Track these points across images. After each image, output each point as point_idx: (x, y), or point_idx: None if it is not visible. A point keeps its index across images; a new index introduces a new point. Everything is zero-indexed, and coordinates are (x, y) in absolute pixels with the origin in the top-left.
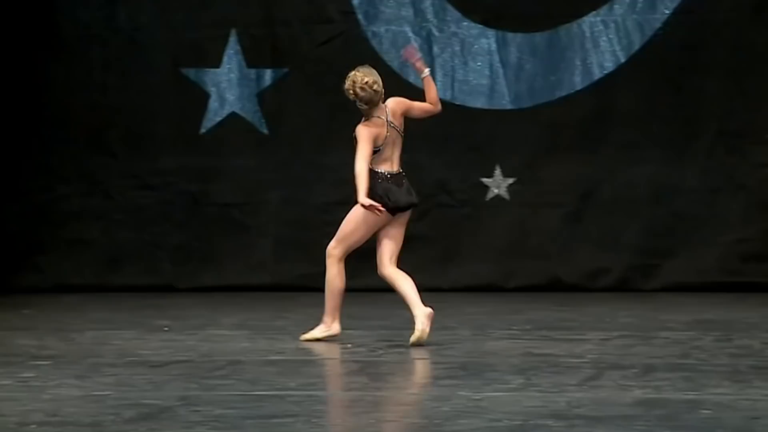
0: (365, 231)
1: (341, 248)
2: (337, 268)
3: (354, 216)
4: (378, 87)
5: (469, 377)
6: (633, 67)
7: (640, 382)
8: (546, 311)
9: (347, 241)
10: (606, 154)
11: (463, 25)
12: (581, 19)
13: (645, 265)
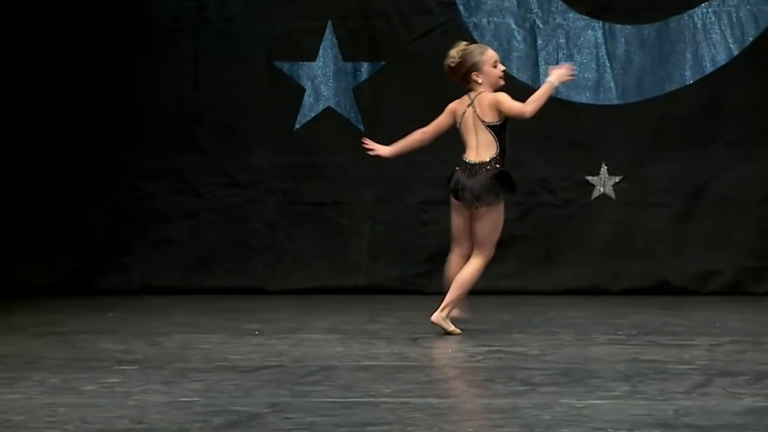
0: (453, 218)
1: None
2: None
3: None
4: (450, 60)
5: (572, 384)
6: (746, 61)
7: (751, 390)
8: (652, 315)
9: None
10: (716, 151)
11: (568, 17)
12: (692, 10)
13: (757, 268)
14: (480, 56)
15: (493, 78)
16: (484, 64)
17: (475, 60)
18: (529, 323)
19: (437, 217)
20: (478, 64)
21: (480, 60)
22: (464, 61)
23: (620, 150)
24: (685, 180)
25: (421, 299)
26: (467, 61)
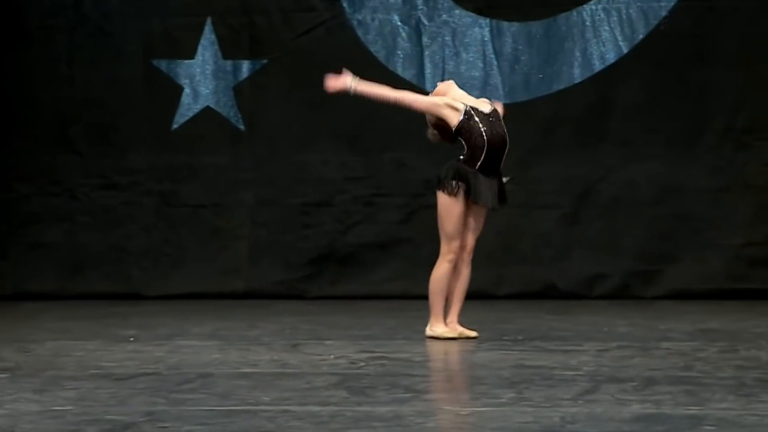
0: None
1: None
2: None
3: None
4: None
5: (456, 391)
6: (636, 59)
7: (639, 396)
8: (539, 320)
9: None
10: (606, 151)
11: (454, 14)
12: (581, 6)
13: (646, 271)
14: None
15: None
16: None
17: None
18: (413, 329)
19: (319, 220)
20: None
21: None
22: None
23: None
24: (573, 181)
25: (303, 304)
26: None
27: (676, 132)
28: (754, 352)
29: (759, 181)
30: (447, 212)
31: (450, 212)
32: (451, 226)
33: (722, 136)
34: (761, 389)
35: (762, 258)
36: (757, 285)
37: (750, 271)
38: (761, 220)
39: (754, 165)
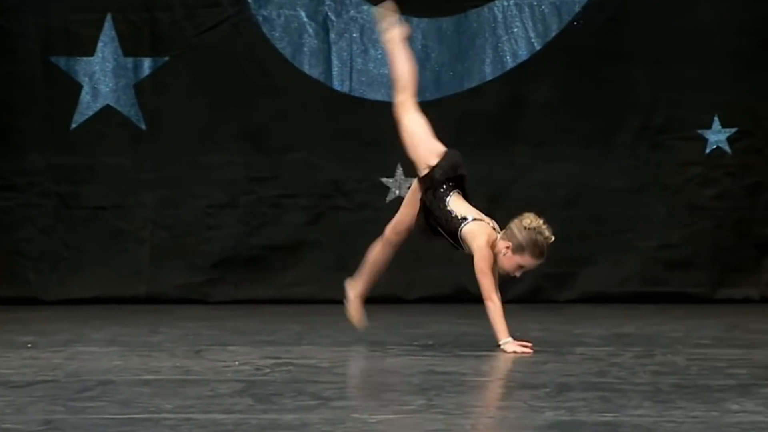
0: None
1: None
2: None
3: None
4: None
5: (365, 398)
6: (549, 56)
7: (552, 403)
8: (450, 324)
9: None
10: (518, 151)
11: (363, 9)
12: (493, 2)
13: (559, 274)
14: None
15: (508, 265)
16: (522, 254)
17: (522, 244)
18: (319, 333)
19: (223, 222)
20: (522, 248)
21: (525, 250)
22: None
23: None
24: (486, 182)
25: (206, 309)
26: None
27: (591, 131)
28: (671, 357)
29: (675, 182)
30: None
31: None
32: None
33: (637, 136)
34: (678, 395)
35: (678, 260)
36: (674, 288)
37: (666, 273)
38: (677, 222)
39: (670, 165)
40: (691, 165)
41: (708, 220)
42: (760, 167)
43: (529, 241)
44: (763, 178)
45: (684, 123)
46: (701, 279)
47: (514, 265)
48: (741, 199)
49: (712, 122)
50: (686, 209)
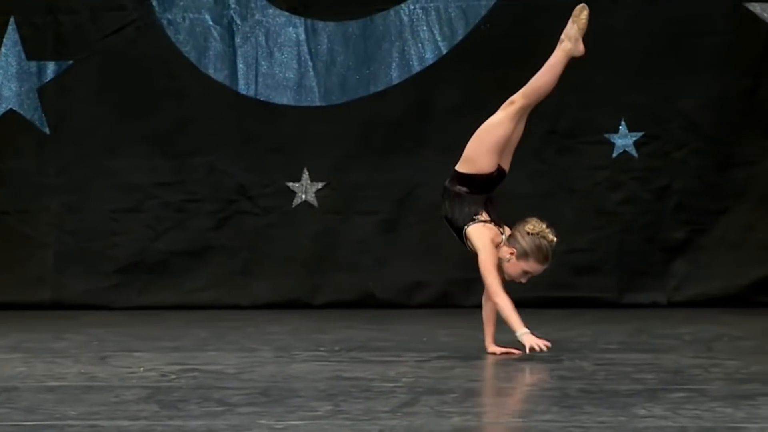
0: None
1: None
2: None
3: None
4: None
5: (271, 404)
6: (456, 59)
7: (459, 408)
8: (357, 330)
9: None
10: (425, 155)
11: (268, 13)
12: (399, 5)
13: (467, 279)
14: (533, 255)
15: (514, 272)
16: (527, 259)
17: (526, 249)
18: (225, 339)
19: (128, 227)
20: (526, 254)
21: (530, 256)
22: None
23: (323, 154)
24: (391, 186)
25: (111, 315)
26: (527, 242)
27: None
28: (578, 362)
29: (582, 186)
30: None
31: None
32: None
33: (545, 140)
34: (585, 400)
35: (586, 265)
36: (582, 293)
37: (574, 278)
38: (585, 226)
39: (577, 169)
40: (599, 169)
41: (615, 224)
42: (667, 171)
43: (533, 246)
44: (670, 182)
45: (591, 127)
46: (609, 284)
47: (519, 271)
48: (648, 204)
49: (619, 126)
50: (593, 214)
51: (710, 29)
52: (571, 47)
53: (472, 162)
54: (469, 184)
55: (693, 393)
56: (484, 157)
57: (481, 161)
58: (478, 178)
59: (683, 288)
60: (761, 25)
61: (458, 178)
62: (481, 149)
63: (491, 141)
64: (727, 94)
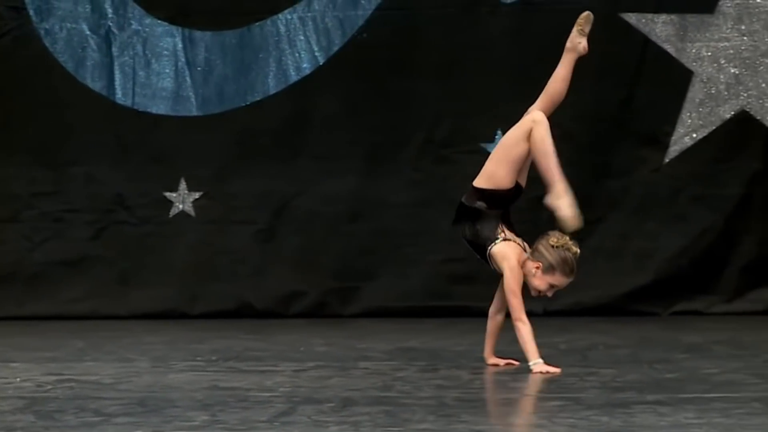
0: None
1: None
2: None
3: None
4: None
5: (148, 414)
6: (333, 69)
7: (336, 418)
8: (234, 339)
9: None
10: (302, 165)
11: (145, 23)
12: (276, 15)
13: (344, 288)
14: (559, 268)
15: (540, 285)
16: (553, 273)
17: (552, 263)
18: (102, 349)
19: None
20: (552, 267)
21: (556, 269)
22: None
23: (200, 164)
24: (269, 196)
25: None
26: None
27: (375, 145)
28: (455, 372)
29: (459, 196)
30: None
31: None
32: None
33: (421, 149)
34: (462, 409)
35: (462, 274)
36: (458, 302)
37: (450, 287)
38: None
39: (454, 179)
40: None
41: None
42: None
43: (559, 259)
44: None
45: (468, 136)
46: (485, 293)
47: (545, 285)
48: (524, 213)
49: (495, 136)
50: None
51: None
52: (572, 47)
53: (492, 178)
54: (487, 200)
55: (568, 401)
56: (505, 173)
57: (501, 177)
58: (497, 194)
59: (559, 297)
60: (636, 35)
61: (477, 194)
62: (502, 165)
63: (511, 157)
64: (602, 104)
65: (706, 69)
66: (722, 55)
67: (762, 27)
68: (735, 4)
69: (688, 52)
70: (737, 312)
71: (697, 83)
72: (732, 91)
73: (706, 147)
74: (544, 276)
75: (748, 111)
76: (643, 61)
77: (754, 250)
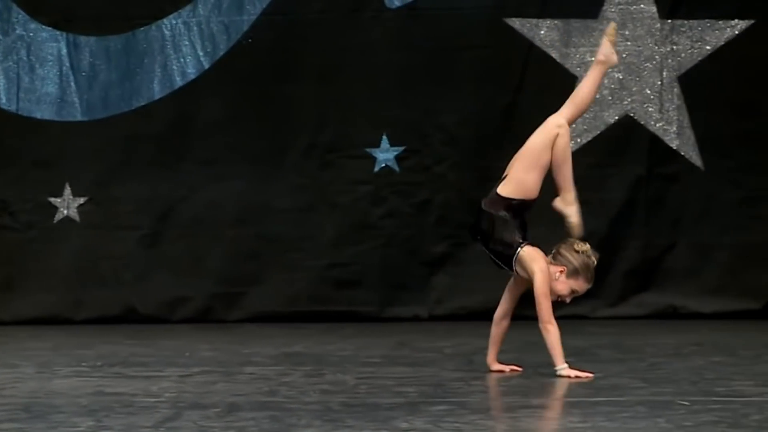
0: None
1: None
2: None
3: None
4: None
5: (33, 420)
6: (218, 74)
7: (222, 423)
8: (119, 345)
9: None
10: (187, 170)
11: (30, 27)
12: (161, 20)
13: (229, 293)
14: (583, 273)
15: (562, 290)
16: (577, 278)
17: (577, 268)
18: None
19: None
20: (576, 272)
21: (580, 274)
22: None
23: (85, 169)
24: (154, 201)
25: None
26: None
27: (260, 150)
28: (340, 376)
29: (344, 200)
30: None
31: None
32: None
33: (306, 154)
34: (347, 414)
35: (347, 279)
36: (342, 307)
37: (335, 292)
38: (346, 241)
39: (339, 183)
40: (360, 183)
41: (377, 238)
42: (428, 185)
43: (583, 265)
44: (432, 196)
45: (353, 141)
46: (370, 298)
47: (567, 289)
48: (410, 218)
49: (380, 140)
50: (355, 228)
51: (470, 44)
52: (605, 60)
53: (522, 185)
54: (510, 209)
55: (454, 406)
56: (535, 180)
57: (531, 184)
58: (525, 203)
59: (444, 301)
60: (521, 40)
61: (503, 203)
62: (532, 172)
63: (542, 163)
64: (487, 109)
65: None
66: None
67: (645, 32)
68: (619, 9)
69: (572, 57)
70: (621, 316)
71: None
72: (616, 96)
73: (591, 152)
74: (568, 280)
75: (632, 116)
76: (527, 65)
77: (638, 255)
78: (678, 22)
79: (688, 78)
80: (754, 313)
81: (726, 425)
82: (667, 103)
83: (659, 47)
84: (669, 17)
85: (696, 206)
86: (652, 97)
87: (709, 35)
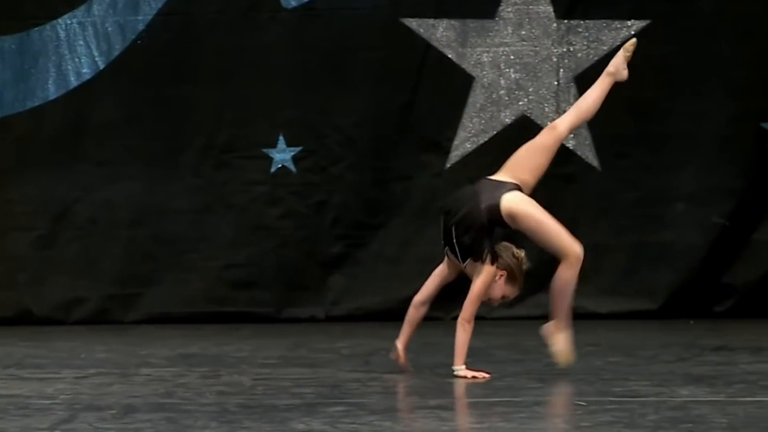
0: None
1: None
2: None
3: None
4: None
5: None
6: (113, 74)
7: (118, 425)
8: (14, 347)
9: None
10: (82, 170)
11: None
12: (56, 20)
13: (125, 295)
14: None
15: (498, 293)
16: (513, 284)
17: (515, 273)
18: None
19: None
20: (513, 278)
21: (516, 281)
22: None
23: None
24: (48, 202)
25: None
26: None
27: (155, 150)
28: (237, 377)
29: (240, 201)
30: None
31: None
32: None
33: (202, 155)
34: (244, 415)
35: (243, 280)
36: (239, 308)
37: (231, 293)
38: (242, 241)
39: (235, 184)
40: (257, 184)
41: (273, 239)
42: (325, 186)
43: (520, 271)
44: (328, 197)
45: (249, 142)
46: (267, 298)
47: (500, 293)
48: (306, 218)
49: (277, 141)
50: (252, 229)
51: (367, 44)
52: (615, 72)
53: (524, 187)
54: (497, 224)
55: (351, 407)
56: (533, 183)
57: (529, 187)
58: (503, 224)
59: (341, 302)
60: (418, 40)
61: (497, 214)
62: (530, 177)
63: (540, 169)
64: (383, 109)
65: (487, 74)
66: (503, 60)
67: (542, 33)
68: (515, 9)
69: (469, 57)
70: (517, 317)
71: (478, 88)
72: (513, 96)
73: (487, 152)
74: (505, 285)
75: (528, 116)
76: (425, 66)
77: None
78: (574, 23)
79: (584, 78)
80: (651, 314)
81: (622, 425)
82: (564, 103)
83: (556, 47)
84: (565, 17)
85: (592, 206)
86: (548, 97)
87: (605, 35)
